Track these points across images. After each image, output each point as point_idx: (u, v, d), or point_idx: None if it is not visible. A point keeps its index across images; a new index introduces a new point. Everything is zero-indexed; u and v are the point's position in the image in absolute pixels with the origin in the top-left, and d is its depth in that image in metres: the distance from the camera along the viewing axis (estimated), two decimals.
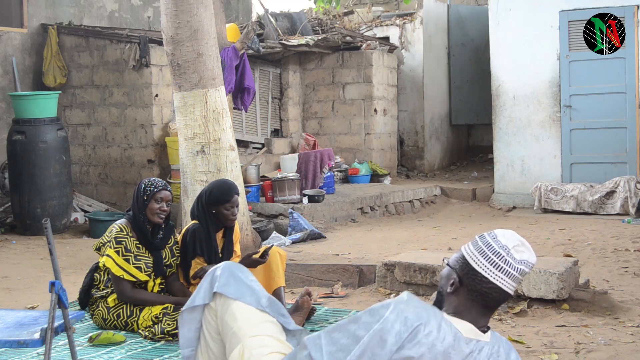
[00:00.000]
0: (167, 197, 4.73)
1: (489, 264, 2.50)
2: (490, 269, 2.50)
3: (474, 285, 2.51)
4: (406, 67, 13.22)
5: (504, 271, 2.50)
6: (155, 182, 4.75)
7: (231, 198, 4.80)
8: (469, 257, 2.54)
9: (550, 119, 10.66)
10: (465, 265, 2.54)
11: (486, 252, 2.51)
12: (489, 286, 2.50)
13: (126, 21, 11.84)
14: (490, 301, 2.53)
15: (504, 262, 2.50)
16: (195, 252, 4.79)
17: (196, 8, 6.63)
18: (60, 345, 4.24)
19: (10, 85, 10.03)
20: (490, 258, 2.50)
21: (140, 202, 4.69)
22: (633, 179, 9.79)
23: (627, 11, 10.09)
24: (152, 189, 4.69)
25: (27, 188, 8.73)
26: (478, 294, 2.52)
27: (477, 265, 2.51)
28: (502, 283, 2.50)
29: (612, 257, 6.96)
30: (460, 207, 11.12)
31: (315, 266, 6.13)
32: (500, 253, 2.50)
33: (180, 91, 6.75)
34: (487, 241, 2.54)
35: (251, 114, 11.78)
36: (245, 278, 3.09)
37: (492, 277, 2.49)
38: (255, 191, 9.46)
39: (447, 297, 2.57)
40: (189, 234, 4.82)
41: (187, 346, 3.12)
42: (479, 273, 2.51)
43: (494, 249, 2.51)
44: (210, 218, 4.82)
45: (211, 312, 3.06)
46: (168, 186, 4.80)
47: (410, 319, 2.43)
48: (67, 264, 6.98)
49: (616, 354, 4.02)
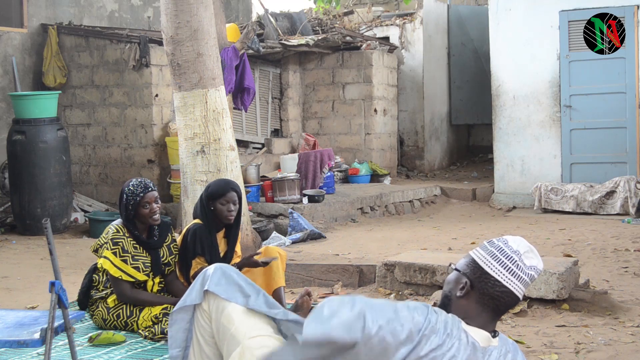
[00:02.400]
0: (153, 198, 4.63)
1: (502, 267, 2.50)
2: (504, 273, 2.50)
3: (486, 289, 2.50)
4: (406, 67, 13.22)
5: (516, 275, 2.50)
6: (135, 188, 4.62)
7: (226, 193, 4.76)
8: (480, 261, 2.53)
9: (550, 119, 10.66)
10: (477, 269, 2.53)
11: (499, 257, 2.51)
12: (502, 290, 2.50)
13: (126, 21, 11.84)
14: (501, 305, 2.52)
15: (516, 266, 2.50)
16: (195, 252, 4.78)
17: (196, 8, 6.63)
18: (60, 345, 4.23)
19: (10, 85, 10.03)
20: (503, 262, 2.50)
21: (127, 213, 4.63)
22: (633, 179, 9.79)
23: (627, 11, 10.09)
24: (135, 198, 4.59)
25: (27, 188, 8.73)
26: (490, 297, 2.51)
27: (489, 269, 2.50)
28: (514, 287, 2.50)
29: (612, 257, 6.96)
30: (460, 207, 11.12)
31: (315, 266, 6.13)
32: (512, 257, 2.51)
33: (180, 91, 6.75)
34: (498, 246, 2.54)
35: (251, 114, 11.78)
36: (237, 278, 3.08)
37: (505, 280, 2.49)
38: (255, 191, 9.46)
39: (456, 301, 2.54)
40: (190, 233, 4.81)
41: (175, 346, 3.11)
42: (491, 276, 2.50)
43: (506, 253, 2.52)
44: (209, 215, 4.82)
45: (204, 315, 3.04)
46: (149, 186, 4.66)
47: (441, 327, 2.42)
48: (67, 264, 6.97)
49: (616, 354, 4.02)
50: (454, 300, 2.55)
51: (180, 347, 3.10)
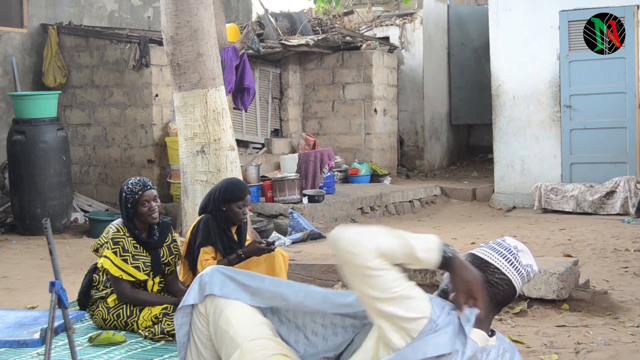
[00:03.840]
0: (152, 196, 4.64)
1: (501, 257, 2.66)
2: (503, 262, 2.65)
3: (486, 277, 2.62)
4: (406, 67, 13.22)
5: (514, 267, 2.65)
6: (134, 186, 4.64)
7: (244, 196, 4.88)
8: (480, 253, 2.69)
9: (550, 119, 10.66)
10: (477, 259, 2.67)
11: (497, 249, 2.69)
12: (501, 277, 2.63)
13: (126, 21, 11.84)
14: (499, 294, 2.63)
15: (514, 258, 2.66)
16: (209, 240, 4.78)
17: (196, 8, 6.63)
18: (60, 345, 4.24)
19: (10, 85, 10.03)
20: (502, 253, 2.67)
21: (129, 212, 4.65)
22: (633, 179, 9.79)
23: (627, 11, 10.09)
24: (134, 196, 4.61)
25: (27, 188, 8.73)
26: (489, 284, 2.62)
27: (489, 258, 2.66)
28: (512, 276, 2.64)
29: (612, 257, 6.96)
30: (460, 207, 11.12)
31: (315, 266, 6.12)
32: (511, 250, 2.68)
33: (180, 91, 6.75)
34: (497, 241, 2.74)
35: (251, 114, 11.78)
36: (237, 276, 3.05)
37: (504, 268, 2.63)
38: (255, 191, 9.46)
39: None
40: (202, 223, 4.82)
41: (181, 349, 3.12)
42: (491, 264, 2.65)
43: (504, 246, 2.69)
44: (221, 215, 4.85)
45: (201, 319, 3.03)
46: (148, 184, 4.68)
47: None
48: (67, 264, 6.97)
49: (616, 354, 4.02)
50: (451, 292, 2.63)
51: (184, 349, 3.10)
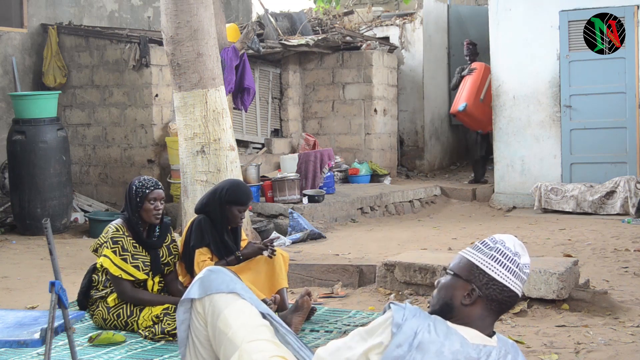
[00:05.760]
0: (160, 196, 4.69)
1: (509, 272, 2.49)
2: (511, 278, 2.49)
3: (495, 295, 2.48)
4: (406, 67, 13.22)
5: (519, 277, 2.50)
6: (146, 182, 4.70)
7: (247, 202, 4.93)
8: (485, 267, 2.49)
9: (550, 119, 10.65)
10: (483, 275, 2.49)
11: (502, 261, 2.49)
12: (510, 294, 2.49)
13: (126, 21, 11.84)
14: (505, 308, 2.52)
15: (518, 269, 2.50)
16: (203, 242, 4.79)
17: (196, 8, 6.63)
18: (60, 345, 4.24)
19: (10, 85, 10.03)
20: (508, 266, 2.49)
21: (134, 205, 4.67)
22: (633, 179, 9.79)
23: (627, 11, 10.09)
24: (145, 190, 4.65)
25: (27, 188, 8.73)
26: (497, 303, 2.49)
27: (497, 275, 2.48)
28: (518, 289, 2.50)
29: (612, 257, 6.96)
30: (460, 207, 11.12)
31: (315, 266, 6.13)
32: (514, 260, 2.50)
33: (180, 91, 6.75)
34: (498, 248, 2.51)
35: (251, 114, 11.78)
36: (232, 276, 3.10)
37: (513, 285, 2.49)
38: (255, 191, 9.46)
39: (461, 308, 2.50)
40: (195, 224, 4.84)
41: (181, 345, 3.13)
42: (500, 282, 2.48)
43: (508, 256, 2.50)
44: (220, 216, 4.86)
45: (199, 318, 3.03)
46: (159, 184, 4.76)
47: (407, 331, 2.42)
48: (67, 264, 6.98)
49: (616, 354, 4.02)
50: (457, 307, 2.50)
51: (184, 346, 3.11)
